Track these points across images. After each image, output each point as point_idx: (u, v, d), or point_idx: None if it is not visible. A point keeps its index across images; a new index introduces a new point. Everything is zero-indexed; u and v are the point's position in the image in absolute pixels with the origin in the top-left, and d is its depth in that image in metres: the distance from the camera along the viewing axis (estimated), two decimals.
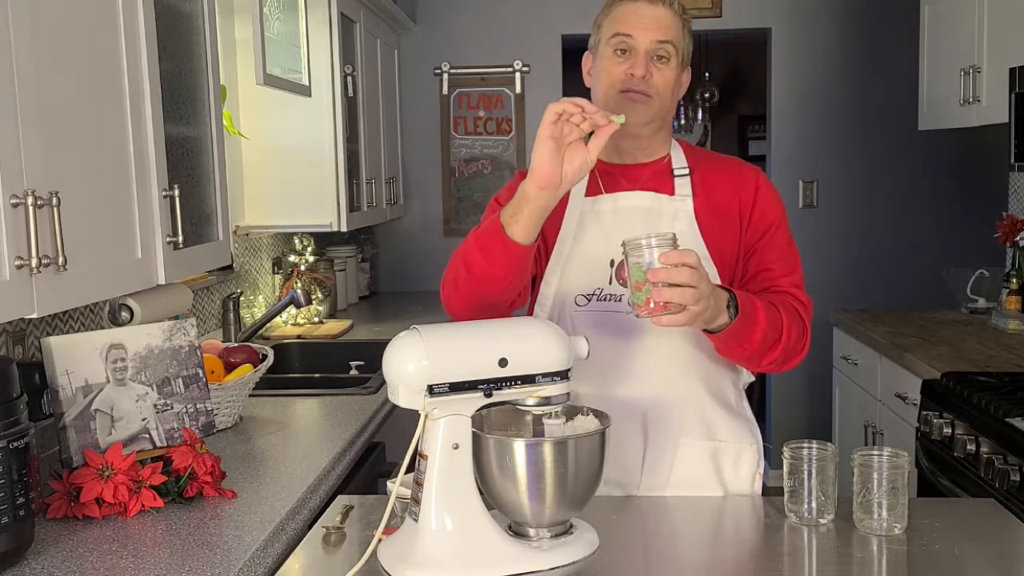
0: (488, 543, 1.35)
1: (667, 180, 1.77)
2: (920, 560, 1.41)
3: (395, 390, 1.35)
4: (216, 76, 2.20)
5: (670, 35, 1.70)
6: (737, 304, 1.56)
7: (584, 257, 1.75)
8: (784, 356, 1.69)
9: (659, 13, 1.70)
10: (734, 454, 1.74)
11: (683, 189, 1.76)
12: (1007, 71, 3.02)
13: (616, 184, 1.77)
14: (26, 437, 1.45)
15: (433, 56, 4.66)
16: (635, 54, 1.70)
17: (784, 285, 1.74)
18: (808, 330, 1.73)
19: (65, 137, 1.54)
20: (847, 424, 3.74)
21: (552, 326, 1.41)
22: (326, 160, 3.37)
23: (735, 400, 1.79)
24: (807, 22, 4.59)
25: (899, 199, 4.64)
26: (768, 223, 1.76)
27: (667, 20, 1.71)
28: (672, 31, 1.71)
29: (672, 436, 1.72)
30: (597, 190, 1.77)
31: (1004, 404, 2.37)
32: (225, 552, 1.49)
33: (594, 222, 1.76)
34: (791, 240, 1.80)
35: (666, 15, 1.71)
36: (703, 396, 1.74)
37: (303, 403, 2.48)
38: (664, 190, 1.76)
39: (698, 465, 1.73)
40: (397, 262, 4.80)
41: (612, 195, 1.77)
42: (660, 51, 1.70)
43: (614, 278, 1.73)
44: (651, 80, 1.69)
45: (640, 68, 1.69)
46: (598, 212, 1.76)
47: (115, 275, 1.70)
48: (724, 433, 1.74)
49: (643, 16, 1.70)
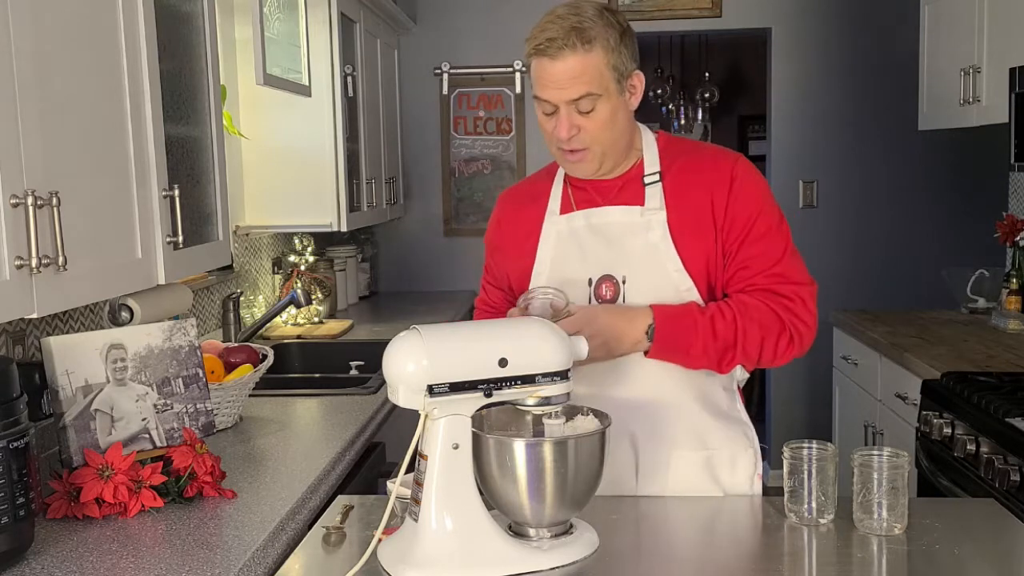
0: (488, 543, 1.35)
1: (638, 188, 1.74)
2: (920, 560, 1.41)
3: (395, 390, 1.35)
4: (216, 76, 2.20)
5: (584, 86, 1.61)
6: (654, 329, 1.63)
7: (562, 276, 1.75)
8: (750, 360, 1.69)
9: (566, 67, 1.60)
10: (729, 460, 1.73)
11: (654, 200, 1.72)
12: (1007, 71, 3.02)
13: (589, 199, 1.77)
14: (26, 437, 1.45)
15: (433, 56, 4.67)
16: (556, 113, 1.65)
17: (762, 282, 1.69)
18: (791, 326, 1.67)
19: (65, 137, 1.54)
20: (847, 424, 3.74)
21: (552, 326, 1.41)
22: (326, 160, 3.37)
23: (727, 404, 1.77)
24: (807, 22, 4.59)
25: (899, 199, 4.64)
26: (745, 219, 1.70)
27: (576, 70, 1.60)
28: (586, 77, 1.61)
29: (664, 449, 1.72)
30: (570, 207, 1.78)
31: (1004, 404, 2.37)
32: (225, 552, 1.49)
33: (570, 242, 1.76)
34: (778, 224, 1.72)
35: (574, 65, 1.60)
36: (692, 406, 1.73)
37: (303, 403, 2.48)
38: (635, 201, 1.74)
39: (692, 475, 1.72)
40: (397, 262, 4.80)
41: (585, 212, 1.76)
42: (580, 105, 1.63)
43: (592, 297, 1.73)
44: (580, 135, 1.65)
45: (563, 129, 1.65)
46: (573, 230, 1.76)
47: (115, 275, 1.70)
48: (717, 441, 1.73)
49: (552, 75, 1.62)
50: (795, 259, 1.72)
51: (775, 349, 1.69)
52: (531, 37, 1.65)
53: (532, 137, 4.67)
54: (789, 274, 1.70)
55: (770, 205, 1.73)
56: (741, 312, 1.67)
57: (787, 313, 1.68)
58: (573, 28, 1.60)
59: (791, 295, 1.69)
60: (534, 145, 4.65)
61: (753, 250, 1.70)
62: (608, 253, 1.73)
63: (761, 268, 1.70)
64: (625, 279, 1.71)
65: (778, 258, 1.70)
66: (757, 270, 1.70)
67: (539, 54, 1.62)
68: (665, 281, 1.70)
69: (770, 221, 1.71)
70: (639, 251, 1.71)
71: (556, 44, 1.60)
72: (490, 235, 1.92)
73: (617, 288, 1.72)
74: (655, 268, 1.71)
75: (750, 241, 1.70)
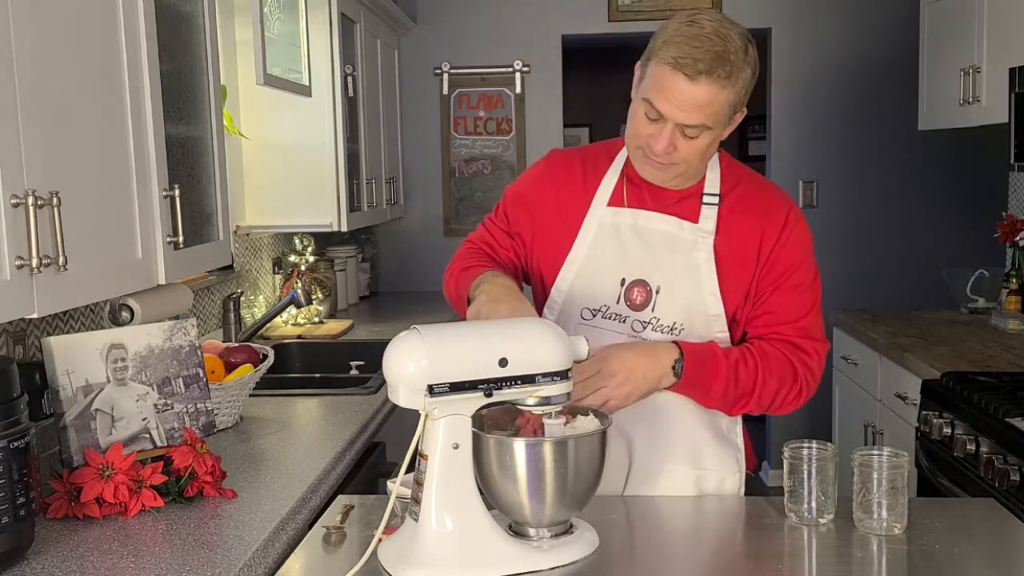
0: (488, 543, 1.35)
1: (695, 205, 1.71)
2: (920, 560, 1.41)
3: (395, 390, 1.35)
4: (216, 76, 2.20)
5: (705, 117, 1.55)
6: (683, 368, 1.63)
7: (596, 270, 1.73)
8: (760, 407, 1.71)
9: (699, 93, 1.52)
10: (718, 481, 1.74)
11: (708, 222, 1.69)
12: (1007, 71, 3.02)
13: (641, 200, 1.73)
14: (26, 437, 1.45)
15: (433, 56, 4.67)
16: (662, 124, 1.58)
17: (786, 332, 1.70)
18: (803, 380, 1.69)
19: (65, 137, 1.54)
20: (847, 424, 3.75)
21: (552, 326, 1.41)
22: (326, 160, 3.37)
23: (726, 427, 1.77)
24: (807, 22, 4.59)
25: (899, 199, 4.64)
26: (786, 266, 1.70)
27: (706, 98, 1.53)
28: (710, 110, 1.54)
29: (658, 458, 1.71)
30: (620, 201, 1.74)
31: (1004, 404, 2.37)
32: (225, 552, 1.49)
33: (612, 236, 1.73)
34: (813, 280, 1.73)
35: (706, 93, 1.53)
36: (693, 422, 1.72)
37: (303, 403, 2.48)
38: (689, 216, 1.71)
39: (680, 490, 1.72)
40: (397, 262, 4.80)
41: (633, 211, 1.73)
42: (690, 131, 1.57)
43: (623, 298, 1.71)
44: (674, 153, 1.60)
45: (662, 144, 1.58)
46: (617, 226, 1.73)
47: (115, 275, 1.70)
48: (710, 462, 1.73)
49: (680, 94, 1.53)
50: (819, 317, 1.74)
51: (784, 399, 1.71)
52: (669, 42, 1.55)
53: (532, 137, 4.67)
54: (812, 331, 1.72)
55: (811, 259, 1.74)
56: (763, 362, 1.67)
57: (803, 367, 1.70)
58: (719, 56, 1.52)
59: (810, 351, 1.71)
60: (534, 145, 4.66)
61: (785, 298, 1.70)
62: (648, 259, 1.71)
63: (788, 319, 1.71)
64: (659, 289, 1.69)
65: (805, 312, 1.72)
66: (784, 319, 1.71)
67: (676, 67, 1.53)
68: (699, 302, 1.69)
69: (808, 276, 1.73)
70: (680, 266, 1.69)
71: (699, 67, 1.52)
72: (523, 188, 1.83)
73: (649, 296, 1.70)
74: (692, 287, 1.69)
75: (785, 289, 1.70)
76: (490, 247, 1.84)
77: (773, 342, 1.70)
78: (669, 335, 1.70)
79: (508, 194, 1.87)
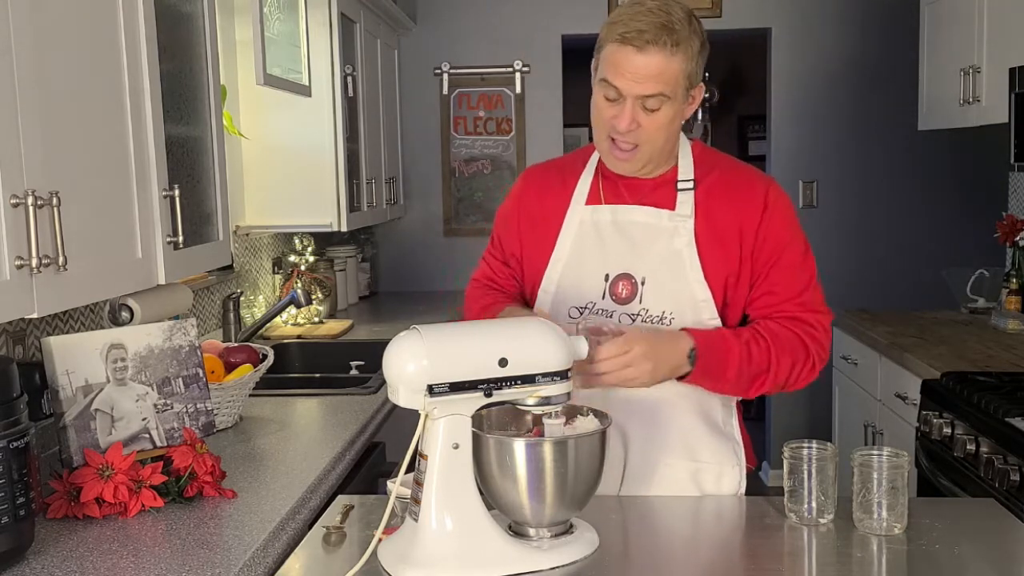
0: (488, 543, 1.35)
1: (671, 192, 1.73)
2: (920, 560, 1.41)
3: (395, 390, 1.35)
4: (216, 76, 2.20)
5: (660, 86, 1.60)
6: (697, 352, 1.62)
7: (579, 268, 1.74)
8: (776, 386, 1.71)
9: (649, 62, 1.58)
10: (716, 475, 1.74)
11: (685, 207, 1.71)
12: (1007, 71, 3.02)
13: (618, 194, 1.75)
14: (26, 437, 1.45)
15: (433, 56, 4.67)
16: (622, 103, 1.63)
17: (789, 309, 1.71)
18: (814, 353, 1.71)
19: (65, 137, 1.54)
20: (847, 424, 3.74)
21: (552, 326, 1.41)
22: (326, 160, 3.37)
23: (723, 419, 1.77)
24: (807, 22, 4.59)
25: (899, 199, 4.64)
26: (773, 246, 1.71)
27: (657, 67, 1.58)
28: (664, 77, 1.59)
29: (654, 453, 1.72)
30: (597, 199, 1.76)
31: (1004, 404, 2.37)
32: (225, 552, 1.49)
33: (592, 233, 1.75)
34: (805, 253, 1.74)
35: (657, 63, 1.58)
36: (689, 415, 1.73)
37: (303, 403, 2.48)
38: (665, 204, 1.73)
39: (677, 484, 1.72)
40: (397, 262, 4.80)
41: (611, 207, 1.75)
42: (649, 102, 1.61)
43: (607, 293, 1.72)
44: (638, 131, 1.64)
45: (624, 121, 1.62)
46: (596, 223, 1.75)
47: (115, 275, 1.70)
48: (707, 454, 1.73)
49: (631, 66, 1.59)
50: (818, 289, 1.75)
51: (800, 374, 1.72)
52: (615, 22, 1.61)
53: (532, 137, 4.67)
54: (814, 304, 1.73)
55: (799, 233, 1.75)
56: (774, 340, 1.68)
57: (812, 341, 1.71)
58: (664, 26, 1.58)
59: (816, 324, 1.72)
60: (534, 145, 4.66)
61: (781, 276, 1.72)
62: (630, 252, 1.72)
63: (789, 295, 1.72)
64: (644, 280, 1.71)
65: (804, 286, 1.73)
66: (785, 297, 1.72)
67: (624, 42, 1.59)
68: (685, 289, 1.70)
69: (799, 251, 1.74)
70: (662, 255, 1.71)
71: (645, 37, 1.58)
72: (508, 209, 1.88)
73: (635, 288, 1.71)
74: (676, 274, 1.70)
75: (780, 267, 1.71)
76: (493, 282, 1.90)
77: (779, 320, 1.71)
78: (659, 326, 1.70)
79: (497, 217, 1.93)
